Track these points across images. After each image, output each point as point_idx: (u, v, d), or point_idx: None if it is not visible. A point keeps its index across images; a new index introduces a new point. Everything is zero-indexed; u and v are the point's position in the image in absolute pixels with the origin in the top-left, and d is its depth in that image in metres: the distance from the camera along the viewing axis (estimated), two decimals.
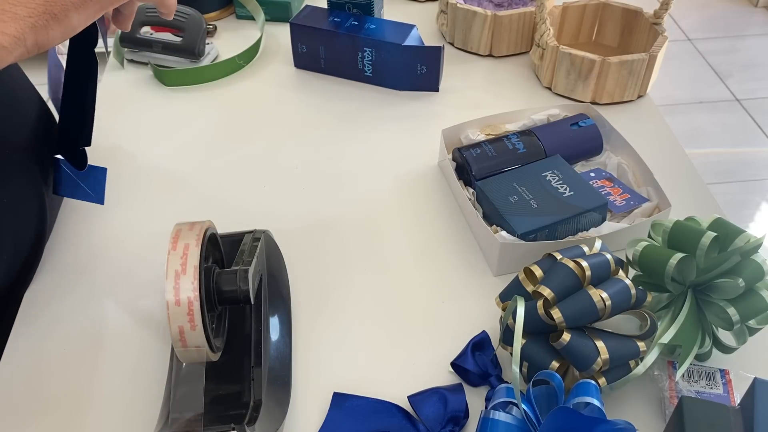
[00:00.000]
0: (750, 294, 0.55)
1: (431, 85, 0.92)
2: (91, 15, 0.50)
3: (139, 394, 0.59)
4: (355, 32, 0.90)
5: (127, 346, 0.63)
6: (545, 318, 0.54)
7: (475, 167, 0.74)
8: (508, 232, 0.67)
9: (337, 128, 0.87)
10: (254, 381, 0.56)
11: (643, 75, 0.88)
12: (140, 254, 0.71)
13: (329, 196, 0.78)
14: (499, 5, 1.02)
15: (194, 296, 0.49)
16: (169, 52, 0.95)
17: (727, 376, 0.57)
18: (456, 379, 0.60)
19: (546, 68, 0.91)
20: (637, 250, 0.58)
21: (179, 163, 0.82)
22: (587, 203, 0.69)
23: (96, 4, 0.50)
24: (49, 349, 0.63)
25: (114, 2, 0.52)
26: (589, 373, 0.53)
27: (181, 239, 0.51)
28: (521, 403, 0.50)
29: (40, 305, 0.66)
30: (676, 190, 0.72)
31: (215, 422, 0.52)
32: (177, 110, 0.90)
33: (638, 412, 0.57)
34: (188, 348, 0.50)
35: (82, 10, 0.49)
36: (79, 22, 0.49)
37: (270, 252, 0.66)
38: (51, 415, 0.58)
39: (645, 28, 0.93)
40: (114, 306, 0.66)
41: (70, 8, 0.48)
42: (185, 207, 0.77)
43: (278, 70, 0.97)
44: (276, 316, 0.62)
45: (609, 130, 0.80)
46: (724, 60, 2.58)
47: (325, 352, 0.62)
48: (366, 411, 0.57)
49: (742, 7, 2.88)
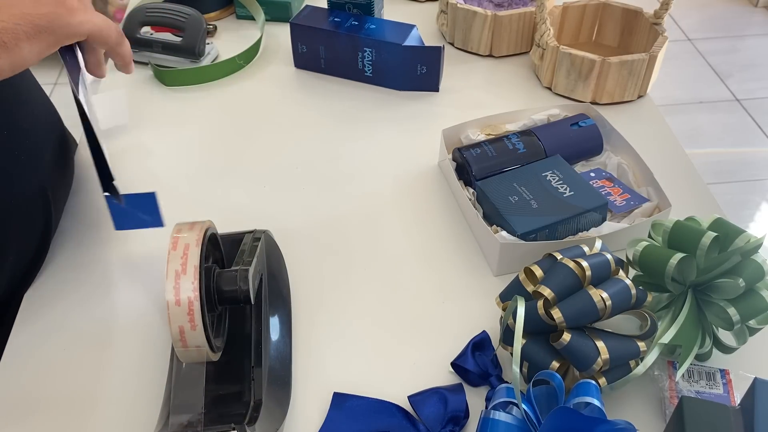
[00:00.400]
0: (750, 294, 0.55)
1: (431, 85, 0.92)
2: (44, 49, 0.49)
3: (139, 394, 0.59)
4: (355, 32, 0.90)
5: (128, 346, 0.63)
6: (545, 318, 0.54)
7: (476, 167, 0.74)
8: (508, 232, 0.67)
9: (337, 128, 0.87)
10: (254, 381, 0.56)
11: (643, 75, 0.88)
12: (140, 254, 0.71)
13: (329, 196, 0.78)
14: (499, 5, 1.02)
15: (194, 296, 0.49)
16: (169, 52, 0.95)
17: (727, 376, 0.57)
18: (456, 379, 0.60)
19: (546, 68, 0.91)
20: (638, 250, 0.58)
21: (179, 163, 0.82)
22: (587, 203, 0.69)
23: (49, 37, 0.48)
24: (49, 350, 0.63)
25: (69, 37, 0.50)
26: (590, 373, 0.53)
27: (181, 239, 0.51)
28: (521, 403, 0.50)
29: (41, 305, 0.66)
30: (676, 190, 0.72)
31: (215, 422, 0.52)
32: (177, 110, 0.90)
33: (638, 412, 0.57)
34: (188, 348, 0.50)
35: (35, 42, 0.48)
36: (30, 54, 0.48)
37: (270, 252, 0.66)
38: (51, 416, 0.58)
39: (645, 28, 0.93)
40: (114, 306, 0.66)
41: (22, 38, 0.47)
42: (185, 207, 0.77)
43: (278, 70, 0.97)
44: (276, 316, 0.62)
45: (609, 130, 0.80)
46: (724, 60, 2.58)
47: (325, 352, 0.62)
48: (366, 411, 0.57)
49: (742, 7, 2.88)
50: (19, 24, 0.47)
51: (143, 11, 0.93)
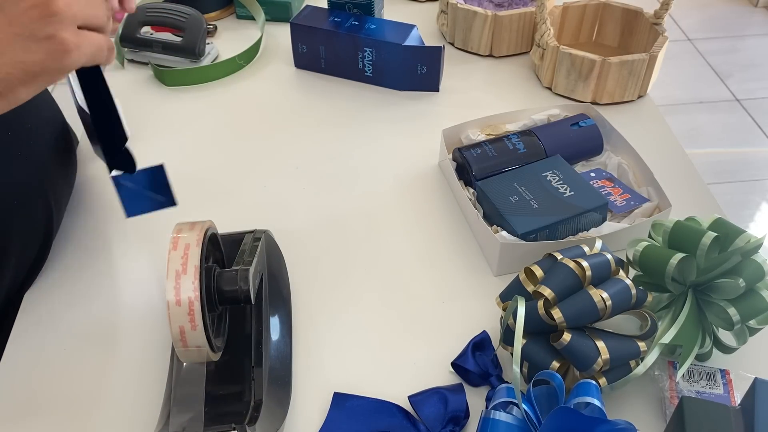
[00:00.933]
0: (750, 294, 0.55)
1: (431, 85, 0.92)
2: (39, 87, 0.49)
3: (139, 394, 0.59)
4: (355, 32, 0.90)
5: (128, 347, 0.63)
6: (546, 318, 0.54)
7: (476, 167, 0.74)
8: (508, 232, 0.67)
9: (337, 128, 0.87)
10: (255, 381, 0.56)
11: (643, 75, 0.88)
12: (141, 254, 0.71)
13: (329, 196, 0.78)
14: (499, 5, 1.02)
15: (195, 296, 0.49)
16: (169, 52, 0.95)
17: (727, 376, 0.57)
18: (456, 379, 0.60)
19: (546, 68, 0.91)
20: (638, 250, 0.58)
21: (179, 163, 0.82)
22: (587, 203, 0.69)
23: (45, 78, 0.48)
24: (49, 349, 0.63)
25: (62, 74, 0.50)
26: (590, 373, 0.53)
27: (181, 239, 0.51)
28: (522, 403, 0.50)
29: (41, 305, 0.66)
30: (676, 190, 0.72)
31: (216, 422, 0.52)
32: (177, 110, 0.90)
33: (638, 412, 0.57)
34: (189, 348, 0.50)
35: (30, 86, 0.47)
36: (27, 95, 0.48)
37: (270, 252, 0.66)
38: (51, 415, 0.58)
39: (645, 28, 0.93)
40: (114, 306, 0.66)
41: (16, 85, 0.47)
42: (185, 207, 0.76)
43: (278, 70, 0.97)
44: (276, 316, 0.62)
45: (609, 130, 0.80)
46: (724, 60, 2.58)
47: (325, 351, 0.62)
48: (366, 411, 0.57)
49: (742, 7, 2.88)
50: (12, 72, 0.46)
51: (143, 11, 0.93)
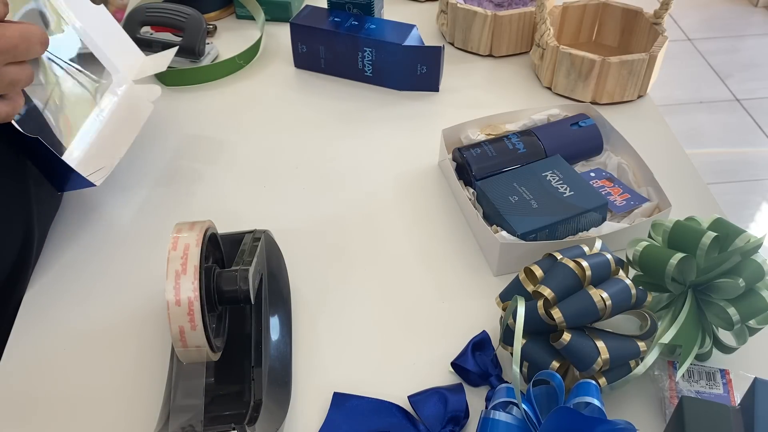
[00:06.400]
0: (750, 294, 0.55)
1: (431, 85, 0.92)
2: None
3: (139, 394, 0.59)
4: (355, 32, 0.90)
5: (127, 346, 0.63)
6: (545, 318, 0.54)
7: (476, 167, 0.74)
8: (508, 232, 0.67)
9: (337, 128, 0.87)
10: (254, 381, 0.56)
11: (643, 75, 0.88)
12: (140, 254, 0.71)
13: (329, 196, 0.78)
14: (499, 5, 1.02)
15: (194, 296, 0.49)
16: None
17: (727, 376, 0.57)
18: (456, 379, 0.60)
19: (546, 68, 0.91)
20: (638, 250, 0.58)
21: (179, 163, 0.82)
22: (587, 203, 0.69)
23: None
24: (49, 349, 0.63)
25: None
26: (590, 373, 0.53)
27: (181, 239, 0.51)
28: (521, 403, 0.50)
29: (40, 305, 0.66)
30: (676, 190, 0.72)
31: (215, 422, 0.52)
32: (177, 110, 0.90)
33: (638, 412, 0.57)
34: (188, 348, 0.50)
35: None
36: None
37: (270, 252, 0.66)
38: (51, 415, 0.58)
39: (645, 28, 0.93)
40: (114, 306, 0.66)
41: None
42: (185, 207, 0.77)
43: (278, 70, 0.97)
44: (276, 316, 0.62)
45: (609, 130, 0.80)
46: (724, 60, 2.58)
47: (325, 352, 0.62)
48: (366, 411, 0.57)
49: (742, 7, 2.88)
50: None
51: (143, 11, 0.93)
